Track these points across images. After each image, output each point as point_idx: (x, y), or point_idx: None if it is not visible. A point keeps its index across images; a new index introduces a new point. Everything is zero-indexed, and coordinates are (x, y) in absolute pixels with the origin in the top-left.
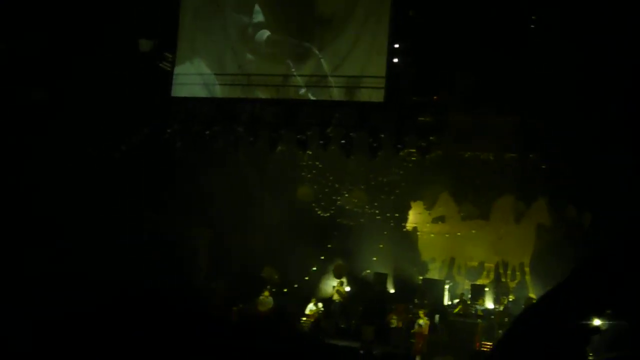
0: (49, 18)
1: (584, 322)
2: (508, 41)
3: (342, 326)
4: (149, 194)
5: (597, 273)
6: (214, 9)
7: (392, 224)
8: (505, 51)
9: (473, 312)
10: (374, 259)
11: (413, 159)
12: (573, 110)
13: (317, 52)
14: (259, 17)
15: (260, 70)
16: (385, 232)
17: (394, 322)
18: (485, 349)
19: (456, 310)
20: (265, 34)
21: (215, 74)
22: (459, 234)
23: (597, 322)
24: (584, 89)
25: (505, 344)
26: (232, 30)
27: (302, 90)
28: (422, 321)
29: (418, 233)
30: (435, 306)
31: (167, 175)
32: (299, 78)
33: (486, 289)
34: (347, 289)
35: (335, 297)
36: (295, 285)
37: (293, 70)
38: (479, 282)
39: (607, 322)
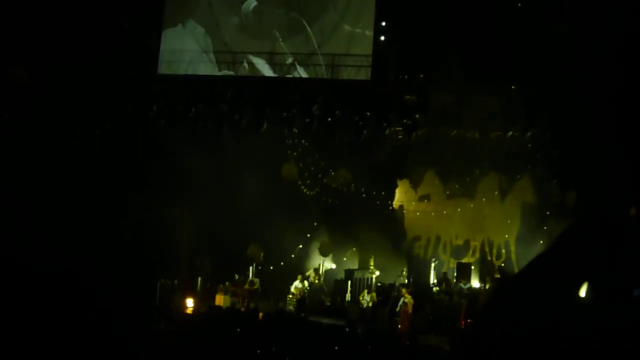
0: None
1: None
2: (493, 20)
3: (328, 304)
4: (132, 173)
5: (576, 244)
6: None
7: (378, 203)
8: (491, 30)
9: (458, 290)
10: (360, 237)
11: (399, 137)
12: (557, 89)
13: (304, 27)
14: None
15: (246, 47)
16: (371, 211)
17: (364, 302)
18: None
19: (440, 288)
20: (251, 4)
21: (201, 52)
22: (444, 212)
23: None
24: (568, 67)
25: (482, 316)
26: (217, 6)
27: (289, 61)
28: (407, 299)
29: (404, 211)
30: (420, 284)
31: (151, 154)
32: (285, 55)
33: (472, 267)
34: (333, 265)
35: (313, 276)
36: (282, 263)
37: (280, 41)
38: (465, 260)
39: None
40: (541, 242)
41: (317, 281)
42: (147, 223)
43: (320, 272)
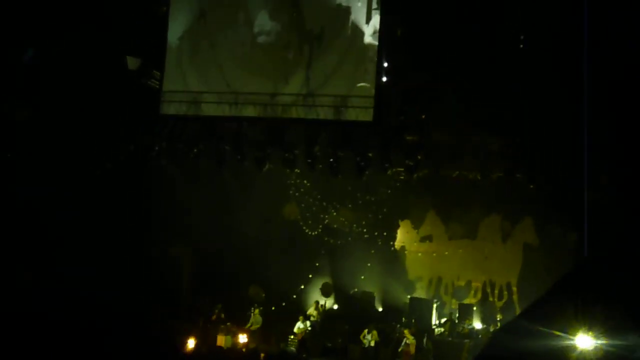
0: (37, 35)
1: (561, 339)
2: (495, 62)
3: (329, 345)
4: (134, 211)
5: (574, 289)
6: (201, 27)
7: (379, 243)
8: (492, 70)
9: (460, 331)
10: (362, 277)
11: (401, 178)
12: (559, 129)
13: (305, 68)
14: (247, 34)
15: (248, 88)
16: (373, 251)
17: (366, 341)
18: None
19: (443, 329)
20: (254, 46)
21: (202, 92)
22: (446, 253)
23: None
24: (570, 108)
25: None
26: (219, 48)
27: (291, 102)
28: (409, 340)
29: (405, 252)
30: (422, 325)
31: (151, 194)
32: (286, 96)
33: (474, 309)
34: (335, 306)
35: (313, 313)
36: (283, 304)
37: (282, 82)
38: (467, 301)
39: (586, 338)
40: (543, 283)
41: (316, 317)
42: (147, 262)
43: (321, 308)
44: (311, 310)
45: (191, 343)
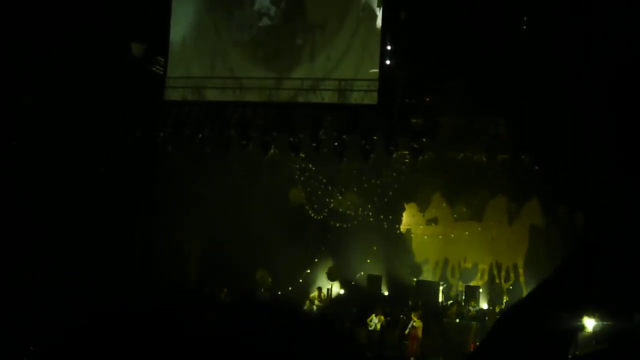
0: (39, 22)
1: (568, 320)
2: (499, 41)
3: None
4: (140, 198)
5: (580, 270)
6: (205, 13)
7: (385, 226)
8: (497, 51)
9: (467, 313)
10: (368, 261)
11: (406, 161)
12: (564, 110)
13: (311, 52)
14: (251, 20)
15: (252, 73)
16: (379, 234)
17: (372, 325)
18: None
19: (450, 311)
20: (259, 31)
21: (206, 78)
22: (452, 235)
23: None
24: (574, 89)
25: (488, 343)
26: (224, 34)
27: (295, 86)
28: (416, 323)
29: (412, 235)
30: (429, 308)
31: (158, 179)
32: (291, 80)
33: (480, 291)
34: (341, 290)
35: (315, 298)
36: (290, 288)
37: (287, 67)
38: (473, 283)
39: (592, 319)
40: (550, 264)
41: (320, 303)
42: (155, 249)
43: (327, 295)
44: (314, 295)
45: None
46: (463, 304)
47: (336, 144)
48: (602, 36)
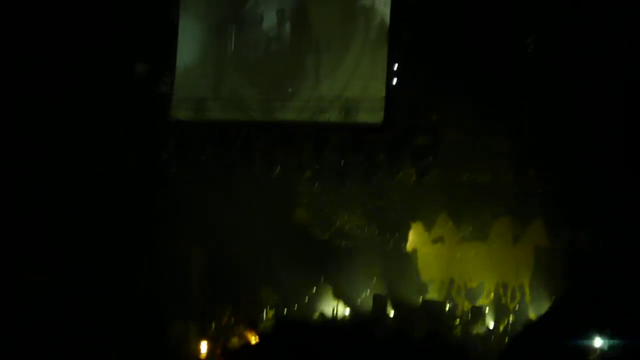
0: (42, 39)
1: (582, 342)
2: (506, 63)
3: None
4: (144, 218)
5: (593, 291)
6: (212, 31)
7: (391, 245)
8: (503, 74)
9: (473, 333)
10: (373, 280)
11: (411, 180)
12: (572, 130)
13: (316, 71)
14: (258, 40)
15: (258, 92)
16: (384, 254)
17: None
18: None
19: (455, 331)
20: (265, 50)
21: (210, 98)
22: (458, 255)
23: (595, 341)
24: (584, 108)
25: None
26: (229, 53)
27: (301, 105)
28: None
29: (417, 254)
30: (434, 327)
31: (163, 197)
32: (297, 100)
33: (486, 310)
34: (347, 310)
35: None
36: (295, 307)
37: (290, 92)
38: (479, 303)
39: (606, 341)
40: (555, 284)
41: None
42: (159, 266)
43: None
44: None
45: (203, 346)
46: (469, 323)
47: (341, 163)
48: (616, 52)
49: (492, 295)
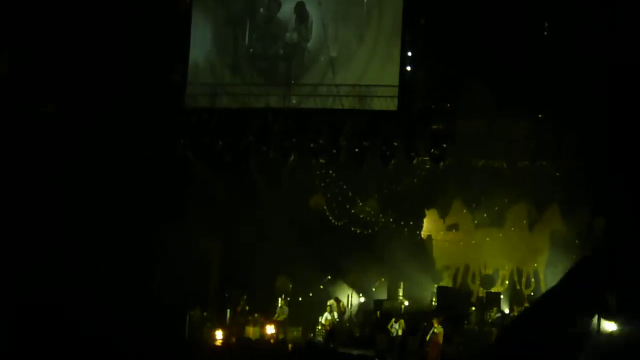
0: (60, 32)
1: (576, 327)
2: (519, 48)
3: (357, 335)
4: (162, 205)
5: (588, 276)
6: (225, 20)
7: (406, 232)
8: (516, 58)
9: (488, 320)
10: (389, 267)
11: (427, 167)
12: (585, 114)
13: (329, 60)
14: (271, 31)
15: (272, 79)
16: (399, 240)
17: (394, 331)
18: None
19: (471, 318)
20: (278, 46)
21: (226, 84)
22: (473, 241)
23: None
24: (596, 92)
25: (495, 350)
26: (243, 44)
27: (316, 92)
28: (437, 330)
29: (432, 241)
30: (450, 314)
31: (179, 186)
32: (311, 87)
33: (501, 297)
34: (362, 298)
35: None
36: (310, 294)
37: (304, 80)
38: (494, 289)
39: (599, 326)
40: None
41: (337, 312)
42: (176, 255)
43: (347, 302)
44: (332, 302)
45: (219, 334)
46: (484, 310)
47: (356, 150)
48: (628, 36)
49: (507, 282)
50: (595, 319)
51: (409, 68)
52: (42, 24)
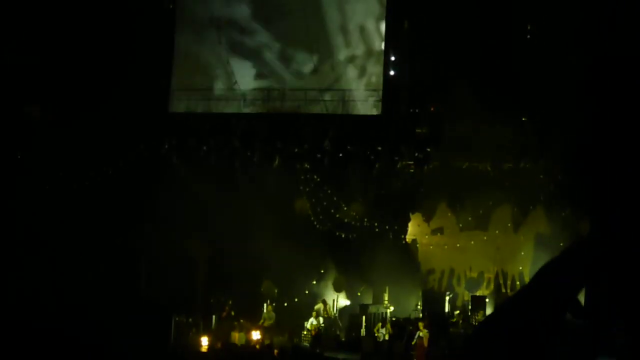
0: (44, 36)
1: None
2: (503, 51)
3: (343, 339)
4: (147, 209)
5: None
6: (209, 25)
7: (391, 236)
8: (500, 61)
9: (473, 323)
10: (374, 271)
11: (411, 170)
12: (570, 116)
13: (314, 63)
14: (255, 34)
15: (257, 84)
16: (384, 245)
17: (380, 335)
18: None
19: (456, 321)
20: (261, 42)
21: (211, 90)
22: (457, 245)
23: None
24: (580, 95)
25: (469, 345)
26: (227, 46)
27: (300, 97)
28: (422, 333)
29: (417, 245)
30: (435, 318)
31: (164, 190)
32: (295, 92)
33: (486, 300)
34: (347, 302)
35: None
36: (296, 299)
37: (290, 78)
38: (479, 293)
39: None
40: None
41: (326, 315)
42: (161, 260)
43: (332, 306)
44: (319, 306)
45: (205, 341)
46: (469, 313)
47: (341, 154)
48: (612, 37)
49: (492, 284)
50: (564, 319)
51: (392, 72)
52: (27, 29)
